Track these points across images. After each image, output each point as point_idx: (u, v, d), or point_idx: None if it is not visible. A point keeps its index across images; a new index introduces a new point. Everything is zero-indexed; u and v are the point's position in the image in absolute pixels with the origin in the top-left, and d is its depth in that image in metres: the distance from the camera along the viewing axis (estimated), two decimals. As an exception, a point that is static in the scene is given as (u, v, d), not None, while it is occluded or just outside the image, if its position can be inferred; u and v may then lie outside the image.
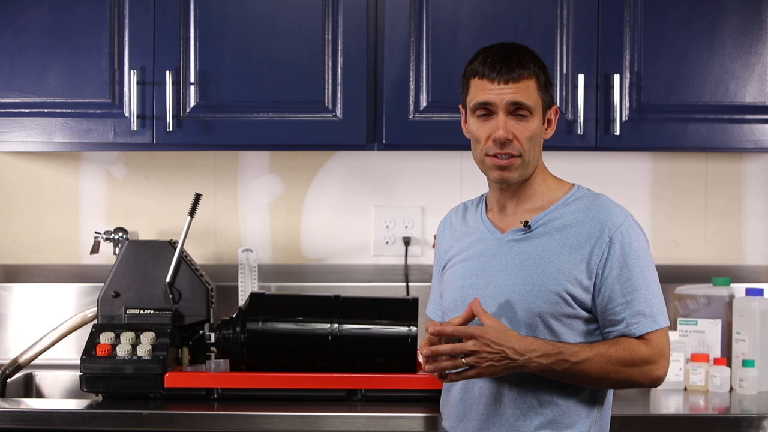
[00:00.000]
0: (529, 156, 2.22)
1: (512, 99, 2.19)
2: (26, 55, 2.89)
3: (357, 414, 2.56)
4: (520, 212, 2.28)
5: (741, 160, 3.24)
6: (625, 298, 2.17)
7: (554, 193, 2.29)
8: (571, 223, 2.22)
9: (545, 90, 2.24)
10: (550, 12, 2.87)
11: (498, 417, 2.22)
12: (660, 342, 2.19)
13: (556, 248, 2.20)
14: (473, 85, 2.24)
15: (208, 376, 2.70)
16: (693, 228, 3.24)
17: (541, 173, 2.29)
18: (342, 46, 2.88)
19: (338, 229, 3.26)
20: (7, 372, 2.85)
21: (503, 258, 2.24)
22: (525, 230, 2.24)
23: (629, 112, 2.88)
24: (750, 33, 2.88)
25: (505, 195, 2.29)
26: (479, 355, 2.10)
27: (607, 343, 2.16)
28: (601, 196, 2.27)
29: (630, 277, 2.18)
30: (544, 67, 2.26)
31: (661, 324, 2.19)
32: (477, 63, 2.24)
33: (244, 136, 2.89)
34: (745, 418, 2.58)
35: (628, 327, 2.17)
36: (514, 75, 2.19)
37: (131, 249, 2.86)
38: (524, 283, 2.19)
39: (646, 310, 2.18)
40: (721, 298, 2.99)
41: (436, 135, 2.88)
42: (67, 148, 2.93)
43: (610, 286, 2.17)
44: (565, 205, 2.25)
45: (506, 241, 2.26)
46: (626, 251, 2.18)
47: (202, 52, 2.88)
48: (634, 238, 2.20)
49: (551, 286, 2.18)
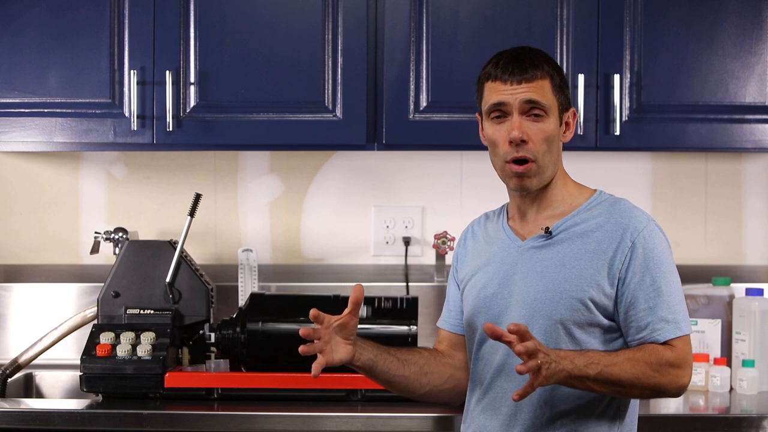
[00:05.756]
0: (545, 160, 2.18)
1: (526, 97, 2.16)
2: (26, 55, 2.89)
3: (357, 414, 2.56)
4: (541, 219, 2.24)
5: (741, 160, 3.24)
6: (648, 304, 2.13)
7: (575, 198, 2.25)
8: (592, 228, 2.19)
9: (560, 91, 2.21)
10: (550, 12, 2.87)
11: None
12: (685, 348, 2.14)
13: (577, 254, 2.17)
14: (487, 88, 2.21)
15: (208, 376, 2.70)
16: (693, 228, 3.24)
17: (562, 179, 2.26)
18: (342, 46, 2.88)
19: (338, 229, 3.26)
20: (7, 372, 2.85)
21: (524, 265, 2.20)
22: (546, 236, 2.21)
23: (629, 112, 2.88)
24: (750, 33, 2.88)
25: (526, 202, 2.26)
26: (540, 360, 2.00)
27: (632, 349, 2.12)
28: (623, 200, 2.24)
29: (653, 282, 2.14)
30: (559, 68, 2.23)
31: (684, 331, 2.15)
32: (490, 66, 2.21)
33: (244, 136, 2.89)
34: (745, 418, 2.58)
35: (652, 333, 2.13)
36: (527, 75, 2.17)
37: (131, 249, 2.86)
38: (546, 290, 2.16)
39: (669, 316, 2.14)
40: (721, 298, 2.99)
41: (436, 135, 2.88)
42: (67, 148, 2.93)
43: (632, 291, 2.14)
44: (586, 211, 2.22)
45: (527, 248, 2.22)
46: (649, 256, 2.15)
47: (202, 52, 2.88)
48: (657, 242, 2.17)
49: (573, 293, 2.15)
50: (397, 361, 2.25)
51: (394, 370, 2.25)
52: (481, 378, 2.25)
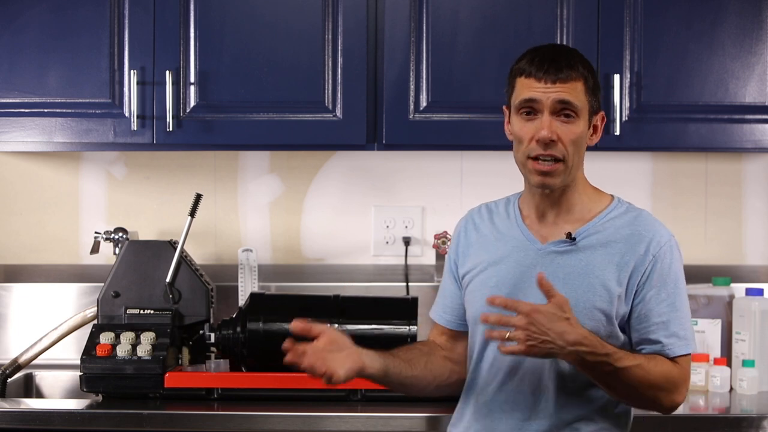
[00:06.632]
0: (573, 161, 2.16)
1: (559, 97, 2.13)
2: (26, 55, 2.89)
3: (357, 414, 2.56)
4: (561, 222, 2.21)
5: (741, 160, 3.24)
6: (661, 318, 2.13)
7: (595, 204, 2.23)
8: (616, 239, 2.17)
9: (593, 94, 2.18)
10: (550, 12, 2.87)
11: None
12: (688, 367, 2.16)
13: (601, 264, 2.15)
14: (519, 83, 2.17)
15: (208, 376, 2.70)
16: (693, 228, 3.24)
17: (582, 181, 2.24)
18: (342, 46, 2.88)
19: (338, 229, 3.26)
20: (7, 372, 2.85)
21: (544, 269, 2.14)
22: (569, 242, 2.18)
23: (629, 112, 2.88)
24: (750, 33, 2.88)
25: (546, 202, 2.22)
26: (524, 332, 2.00)
27: (647, 357, 2.11)
28: (644, 212, 2.23)
29: (668, 297, 2.14)
30: (593, 70, 2.20)
31: (693, 349, 2.16)
32: (524, 62, 2.18)
33: (244, 136, 2.89)
34: (745, 418, 2.58)
35: (662, 348, 2.13)
36: (562, 75, 2.13)
37: (131, 249, 2.86)
38: (567, 297, 2.08)
39: (680, 333, 2.14)
40: (721, 298, 2.99)
41: (436, 135, 2.88)
42: (67, 148, 2.94)
43: (647, 304, 2.14)
44: (608, 219, 2.20)
45: (548, 252, 2.19)
46: (667, 271, 2.15)
47: (202, 52, 2.88)
48: (677, 258, 2.17)
49: (596, 303, 2.13)
50: (403, 363, 2.24)
51: (405, 371, 2.23)
52: (488, 379, 2.22)
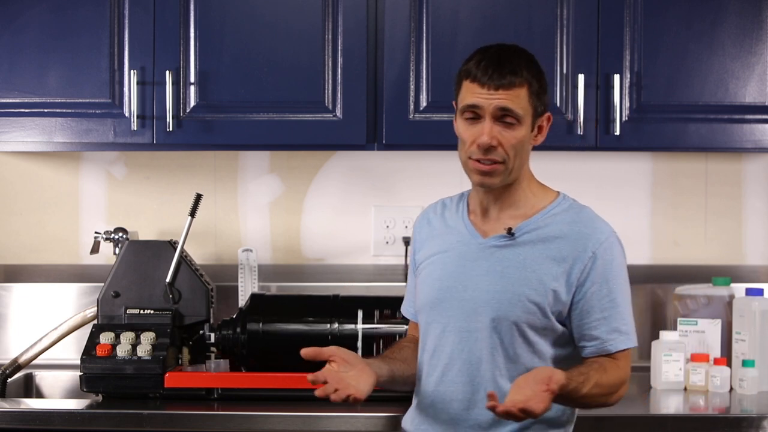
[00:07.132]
0: (513, 163, 2.20)
1: (500, 104, 2.16)
2: (26, 55, 2.89)
3: (357, 414, 2.55)
4: (504, 218, 2.26)
5: (741, 160, 3.24)
6: (602, 314, 2.18)
7: (539, 200, 2.27)
8: (555, 234, 2.21)
9: (537, 98, 2.21)
10: (550, 12, 2.87)
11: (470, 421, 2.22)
12: (629, 362, 2.22)
13: (538, 258, 2.19)
14: (464, 86, 2.21)
15: (208, 376, 2.70)
16: (693, 228, 3.24)
17: (527, 179, 2.27)
18: (342, 46, 2.88)
19: (338, 229, 3.26)
20: (7, 372, 2.85)
21: (484, 263, 2.22)
22: (508, 237, 2.23)
23: (629, 112, 2.88)
24: (750, 33, 2.88)
25: (488, 198, 2.27)
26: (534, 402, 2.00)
27: (598, 371, 2.14)
28: (587, 209, 2.27)
29: (609, 293, 2.19)
30: (540, 73, 2.22)
31: (634, 343, 2.22)
32: (471, 64, 2.21)
33: (244, 136, 2.89)
34: (745, 418, 2.58)
35: (603, 343, 2.19)
36: (505, 81, 2.16)
37: (131, 249, 2.86)
38: (504, 290, 2.18)
39: (622, 327, 2.20)
40: (721, 298, 2.99)
41: (436, 135, 2.87)
42: (67, 148, 2.94)
43: (588, 300, 2.18)
44: (550, 215, 2.24)
45: (488, 247, 2.24)
46: (608, 267, 2.19)
47: (202, 52, 2.88)
48: (617, 254, 2.21)
49: (531, 296, 2.18)
50: (403, 363, 2.31)
51: (406, 371, 2.31)
52: (428, 370, 2.26)
